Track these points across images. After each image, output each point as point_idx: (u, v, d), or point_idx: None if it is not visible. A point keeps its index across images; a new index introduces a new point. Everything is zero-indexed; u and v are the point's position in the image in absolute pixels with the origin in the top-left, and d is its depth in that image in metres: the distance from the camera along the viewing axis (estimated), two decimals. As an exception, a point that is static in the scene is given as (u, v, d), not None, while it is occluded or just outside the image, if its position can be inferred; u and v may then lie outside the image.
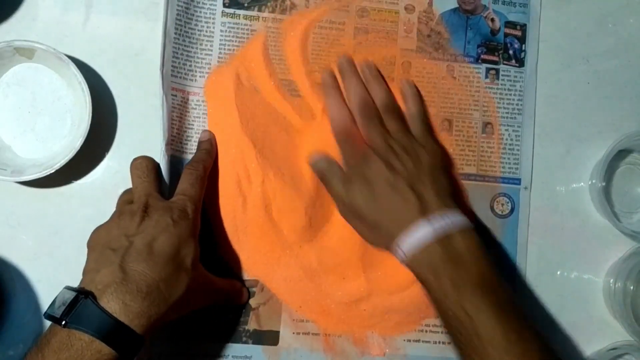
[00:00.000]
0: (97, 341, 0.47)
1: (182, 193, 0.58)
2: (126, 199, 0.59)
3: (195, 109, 0.64)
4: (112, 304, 0.49)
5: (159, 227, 0.54)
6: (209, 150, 0.62)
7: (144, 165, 0.59)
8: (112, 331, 0.48)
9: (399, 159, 0.59)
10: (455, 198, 0.59)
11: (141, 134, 0.64)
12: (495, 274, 0.55)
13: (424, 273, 0.55)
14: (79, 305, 0.49)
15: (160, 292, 0.51)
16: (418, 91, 0.66)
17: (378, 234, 0.59)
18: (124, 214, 0.56)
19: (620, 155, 0.69)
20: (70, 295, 0.49)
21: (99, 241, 0.55)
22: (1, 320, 0.62)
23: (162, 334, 0.62)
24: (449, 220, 0.56)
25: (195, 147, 0.64)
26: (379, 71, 0.66)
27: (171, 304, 0.52)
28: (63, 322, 0.48)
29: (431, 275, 0.54)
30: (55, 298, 0.50)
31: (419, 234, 0.55)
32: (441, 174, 0.60)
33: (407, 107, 0.65)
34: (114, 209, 0.60)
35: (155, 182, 0.59)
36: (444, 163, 0.63)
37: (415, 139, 0.62)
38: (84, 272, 0.53)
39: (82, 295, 0.49)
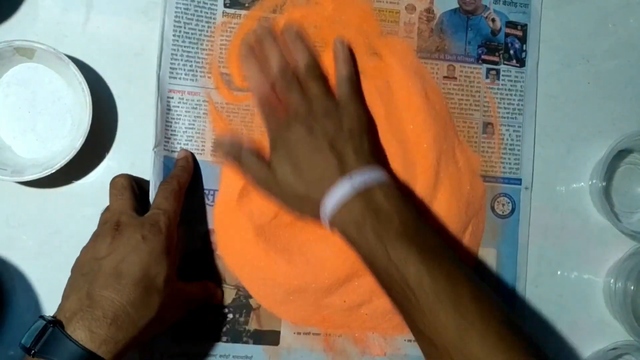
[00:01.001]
0: None
1: (156, 207, 0.58)
2: (104, 218, 0.59)
3: (195, 108, 0.64)
4: (79, 332, 0.49)
5: (129, 245, 0.53)
6: (185, 166, 0.62)
7: (119, 184, 0.60)
8: (79, 359, 0.48)
9: (318, 123, 0.59)
10: (380, 160, 0.60)
11: (141, 134, 0.63)
12: (418, 222, 0.55)
13: (348, 230, 0.55)
14: (46, 335, 0.49)
15: (129, 315, 0.51)
16: (351, 53, 0.65)
17: (307, 205, 0.58)
18: (98, 236, 0.56)
19: (620, 155, 0.69)
20: (40, 324, 0.50)
21: (75, 265, 0.55)
22: (1, 320, 0.62)
23: (164, 334, 0.62)
24: (368, 176, 0.56)
25: (196, 147, 0.64)
26: (301, 33, 0.64)
27: (142, 326, 0.52)
28: (32, 352, 0.49)
29: (354, 231, 0.54)
30: (29, 327, 0.50)
31: (339, 192, 0.55)
32: (362, 135, 0.60)
33: (337, 69, 0.64)
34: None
35: (130, 200, 0.59)
36: (368, 126, 0.62)
37: (339, 102, 0.62)
38: (61, 298, 0.53)
39: (50, 325, 0.49)
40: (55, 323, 0.49)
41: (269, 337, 0.64)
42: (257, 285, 0.64)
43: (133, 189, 0.60)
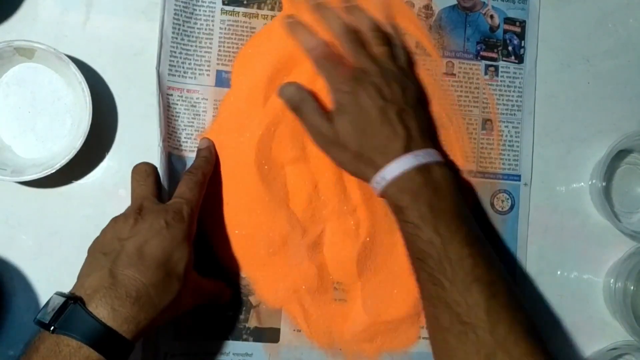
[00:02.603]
0: (85, 347, 0.47)
1: (180, 196, 0.58)
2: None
3: (194, 106, 0.64)
4: (101, 309, 0.49)
5: (152, 230, 0.53)
6: (208, 157, 0.62)
7: (142, 170, 0.60)
8: (100, 337, 0.48)
9: (389, 86, 0.59)
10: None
11: (141, 134, 0.64)
12: (467, 209, 0.58)
13: (402, 199, 0.56)
14: (67, 311, 0.48)
15: (150, 297, 0.51)
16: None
17: (359, 163, 0.59)
18: (120, 217, 0.56)
19: (620, 155, 0.69)
20: (60, 300, 0.49)
21: (95, 246, 0.55)
22: (1, 320, 0.62)
23: (165, 333, 0.62)
24: (430, 155, 0.57)
25: (195, 145, 0.64)
26: (358, 5, 0.65)
27: (161, 309, 0.52)
28: (52, 328, 0.48)
29: (409, 199, 0.55)
30: (46, 304, 0.50)
31: (403, 164, 0.56)
32: (422, 108, 0.62)
33: (392, 40, 0.65)
34: (113, 209, 0.60)
35: (153, 187, 0.59)
36: (423, 97, 0.64)
37: (402, 71, 0.62)
38: (78, 277, 0.53)
39: (70, 301, 0.49)
40: (75, 299, 0.49)
41: (269, 335, 0.64)
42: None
43: (156, 175, 0.61)
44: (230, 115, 0.64)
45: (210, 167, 0.62)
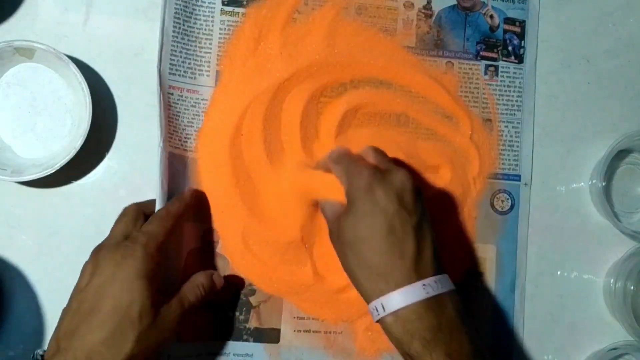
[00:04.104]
0: None
1: (139, 229, 0.56)
2: None
3: (194, 106, 0.64)
4: None
5: (104, 275, 0.52)
6: (183, 197, 0.60)
7: (123, 211, 0.59)
8: None
9: (412, 192, 0.53)
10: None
11: (141, 134, 0.64)
12: (483, 344, 0.52)
13: (411, 345, 0.49)
14: None
15: (101, 355, 0.49)
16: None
17: (362, 279, 0.52)
18: (86, 263, 0.54)
19: (620, 155, 0.69)
20: None
21: (71, 294, 0.54)
22: (1, 320, 0.62)
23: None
24: (441, 284, 0.51)
25: (195, 146, 0.63)
26: None
27: None
28: None
29: (421, 346, 0.49)
30: None
31: (409, 297, 0.49)
32: (431, 228, 0.54)
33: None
34: (113, 209, 0.60)
35: (126, 225, 0.57)
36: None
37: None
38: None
39: None
40: None
41: (269, 335, 0.64)
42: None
43: (135, 214, 0.58)
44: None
45: (178, 204, 0.59)
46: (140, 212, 0.58)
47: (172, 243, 0.60)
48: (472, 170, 0.67)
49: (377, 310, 0.50)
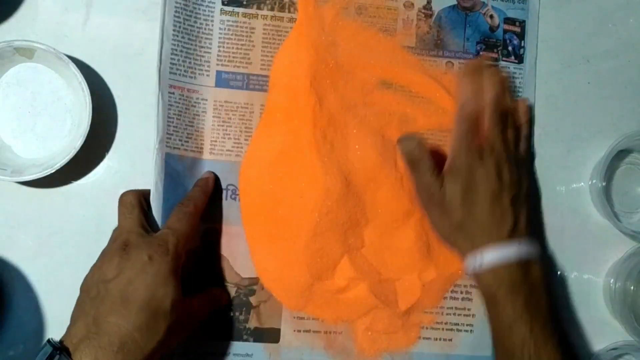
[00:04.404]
0: None
1: (168, 227, 0.57)
2: (113, 236, 0.59)
3: (194, 106, 0.64)
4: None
5: (136, 267, 0.53)
6: (203, 187, 0.62)
7: (128, 201, 0.59)
8: None
9: (509, 172, 0.59)
10: None
11: (141, 134, 0.64)
12: (556, 313, 0.58)
13: (498, 291, 0.56)
14: None
15: (136, 342, 0.51)
16: (531, 116, 0.67)
17: (459, 234, 0.59)
18: (105, 255, 0.56)
19: (620, 155, 0.69)
20: (48, 350, 0.49)
21: (83, 286, 0.55)
22: (1, 320, 0.62)
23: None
24: (533, 248, 0.58)
25: (195, 145, 0.64)
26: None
27: (148, 351, 0.51)
28: None
29: (506, 294, 0.56)
30: (38, 351, 0.50)
31: (505, 252, 0.56)
32: (529, 204, 0.61)
33: (520, 124, 0.65)
34: (113, 209, 0.61)
35: (139, 218, 0.58)
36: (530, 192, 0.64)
37: (521, 159, 0.63)
38: (70, 318, 0.53)
39: (57, 352, 0.49)
40: (62, 350, 0.49)
41: (269, 335, 0.64)
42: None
43: (142, 206, 0.60)
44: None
45: (204, 197, 0.62)
46: (141, 197, 0.60)
47: None
48: None
49: (474, 261, 0.57)
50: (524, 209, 0.60)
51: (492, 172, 0.58)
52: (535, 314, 0.55)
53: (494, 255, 0.56)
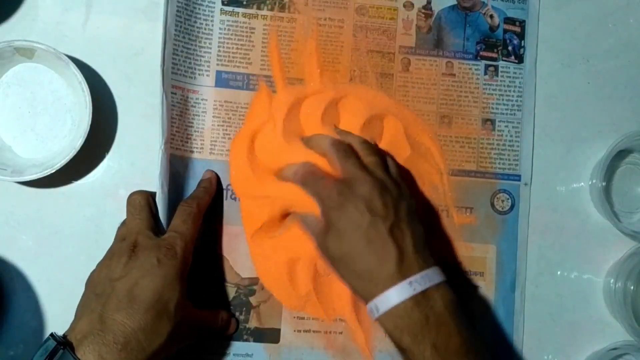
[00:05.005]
0: None
1: (174, 230, 0.57)
2: (121, 234, 0.59)
3: (194, 107, 0.64)
4: (89, 356, 0.49)
5: (144, 268, 0.53)
6: (207, 188, 0.62)
7: (137, 202, 0.59)
8: None
9: (381, 198, 0.55)
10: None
11: (141, 134, 0.64)
12: (474, 337, 0.53)
13: (402, 339, 0.52)
14: (57, 357, 0.49)
15: (139, 341, 0.51)
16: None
17: (350, 286, 0.56)
18: (114, 254, 0.56)
19: (620, 155, 0.69)
20: (51, 344, 0.49)
21: (89, 282, 0.55)
22: (1, 320, 0.62)
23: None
24: (427, 278, 0.53)
25: (195, 146, 0.64)
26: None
27: (151, 352, 0.51)
28: None
29: (409, 340, 0.51)
30: (41, 345, 0.50)
31: (397, 296, 0.52)
32: (417, 219, 0.56)
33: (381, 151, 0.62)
34: (113, 209, 0.60)
35: (148, 219, 0.59)
36: (418, 205, 0.61)
37: (394, 179, 0.58)
38: (75, 314, 0.54)
39: (60, 346, 0.49)
40: (65, 345, 0.49)
41: (270, 335, 0.64)
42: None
43: (150, 207, 0.60)
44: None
45: (208, 198, 0.62)
46: (149, 198, 0.60)
47: None
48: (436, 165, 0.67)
49: (372, 312, 0.53)
50: (407, 235, 0.54)
51: (360, 206, 0.54)
52: (445, 355, 0.51)
53: (385, 301, 0.52)
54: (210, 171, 0.64)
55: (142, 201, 0.59)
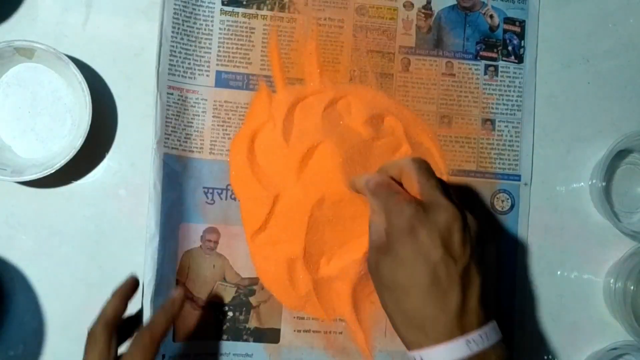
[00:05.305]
0: None
1: None
2: None
3: (194, 106, 0.64)
4: None
5: None
6: (167, 313, 0.54)
7: (93, 334, 0.52)
8: None
9: (459, 231, 0.46)
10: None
11: (141, 134, 0.64)
12: None
13: None
14: None
15: None
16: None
17: (400, 327, 0.47)
18: None
19: (620, 155, 0.69)
20: None
21: None
22: (1, 320, 0.62)
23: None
24: (486, 338, 0.45)
25: (195, 146, 0.64)
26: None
27: None
28: None
29: None
30: None
31: (450, 354, 0.44)
32: (479, 271, 0.48)
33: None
34: (113, 209, 0.60)
35: (101, 355, 0.51)
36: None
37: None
38: None
39: None
40: None
41: (269, 335, 0.64)
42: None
43: (108, 336, 0.52)
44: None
45: (166, 324, 0.54)
46: (109, 325, 0.52)
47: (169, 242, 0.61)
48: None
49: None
50: (477, 280, 0.47)
51: (433, 236, 0.46)
52: None
53: (435, 357, 0.45)
54: (180, 289, 0.58)
55: (98, 332, 0.52)
